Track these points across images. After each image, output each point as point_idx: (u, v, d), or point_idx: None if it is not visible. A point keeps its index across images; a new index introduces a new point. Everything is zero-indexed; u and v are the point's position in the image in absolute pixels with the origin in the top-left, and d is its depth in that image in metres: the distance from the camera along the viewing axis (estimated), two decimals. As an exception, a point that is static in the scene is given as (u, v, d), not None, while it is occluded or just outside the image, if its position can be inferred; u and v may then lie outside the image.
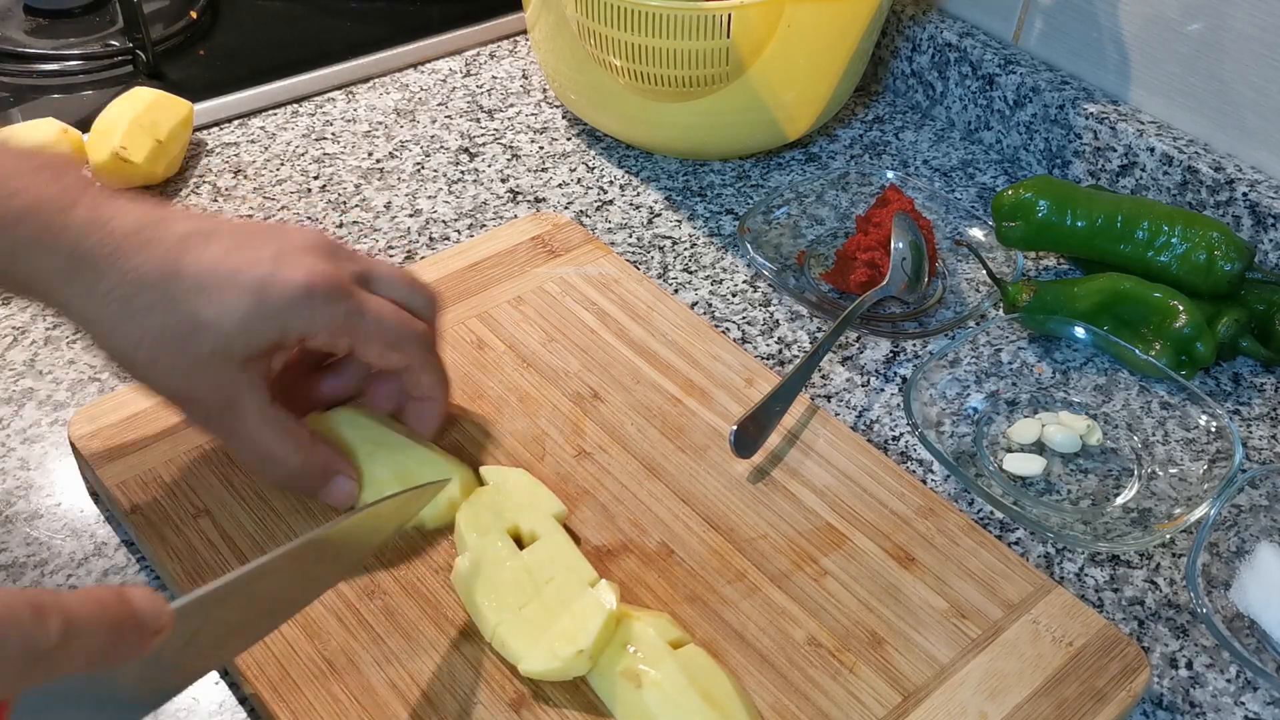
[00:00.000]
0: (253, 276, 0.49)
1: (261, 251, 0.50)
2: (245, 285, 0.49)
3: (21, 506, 0.58)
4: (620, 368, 0.65)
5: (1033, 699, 0.50)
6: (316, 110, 0.88)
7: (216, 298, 0.49)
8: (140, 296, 0.48)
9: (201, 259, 0.49)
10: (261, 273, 0.49)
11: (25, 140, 0.75)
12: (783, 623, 0.52)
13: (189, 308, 0.49)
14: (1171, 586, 0.58)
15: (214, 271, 0.49)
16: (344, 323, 0.51)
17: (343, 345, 0.52)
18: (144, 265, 0.49)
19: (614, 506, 0.57)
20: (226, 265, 0.49)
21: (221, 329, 0.49)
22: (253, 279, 0.49)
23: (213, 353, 0.49)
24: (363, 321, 0.52)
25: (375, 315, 0.52)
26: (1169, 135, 0.79)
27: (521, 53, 0.97)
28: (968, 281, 0.76)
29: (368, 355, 0.53)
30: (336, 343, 0.52)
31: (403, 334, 0.54)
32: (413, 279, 0.56)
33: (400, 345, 0.54)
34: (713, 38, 0.74)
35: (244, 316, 0.49)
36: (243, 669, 0.49)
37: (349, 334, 0.52)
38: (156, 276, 0.49)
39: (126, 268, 0.48)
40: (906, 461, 0.64)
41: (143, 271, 0.49)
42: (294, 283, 0.50)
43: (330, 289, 0.51)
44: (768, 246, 0.76)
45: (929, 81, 0.91)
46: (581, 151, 0.86)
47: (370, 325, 0.52)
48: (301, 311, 0.50)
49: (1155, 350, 0.67)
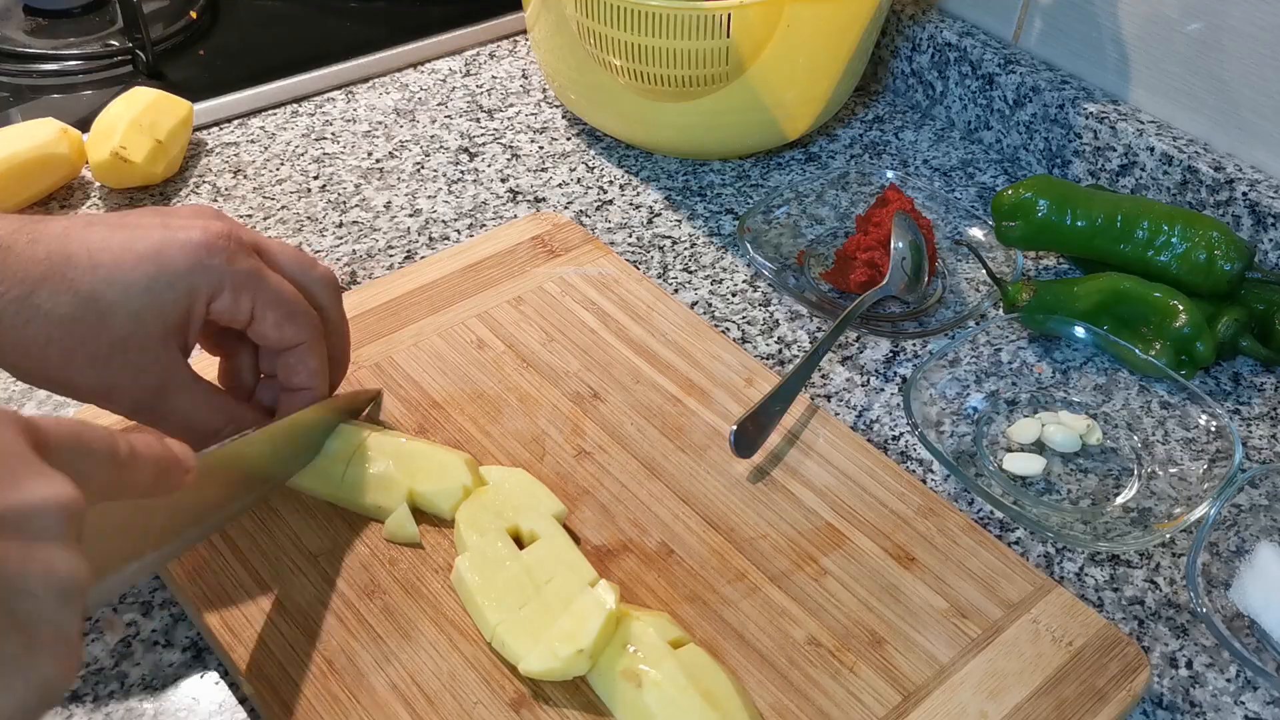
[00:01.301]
0: (147, 244, 0.48)
1: (149, 222, 0.49)
2: (141, 253, 0.47)
3: (21, 506, 0.58)
4: (620, 367, 0.65)
5: (1033, 699, 0.50)
6: (316, 110, 0.88)
7: (116, 273, 0.47)
8: (38, 292, 0.46)
9: (90, 240, 0.47)
10: (155, 238, 0.48)
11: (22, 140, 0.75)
12: (783, 622, 0.52)
13: (91, 290, 0.46)
14: (1171, 586, 0.58)
15: (106, 248, 0.47)
16: (246, 280, 0.50)
17: (244, 307, 0.50)
18: (32, 259, 0.46)
19: (614, 506, 0.57)
20: (117, 239, 0.47)
21: (129, 306, 0.47)
22: (147, 246, 0.47)
23: (128, 334, 0.47)
24: (263, 283, 0.50)
25: (276, 281, 0.51)
26: (1169, 135, 0.79)
27: (521, 52, 0.97)
28: (967, 281, 0.76)
29: (264, 324, 0.51)
30: (238, 304, 0.50)
31: (300, 305, 0.52)
32: (306, 256, 0.55)
33: (295, 318, 0.52)
34: (712, 37, 0.74)
35: (148, 285, 0.47)
36: (243, 669, 0.49)
37: (250, 292, 0.50)
38: (48, 268, 0.46)
39: (15, 266, 0.46)
40: (906, 461, 0.64)
41: (32, 266, 0.46)
42: (191, 240, 0.48)
43: (229, 243, 0.49)
44: (767, 246, 0.76)
45: (929, 81, 0.91)
46: (581, 151, 0.86)
47: (270, 290, 0.51)
48: (204, 269, 0.48)
49: (1155, 350, 0.67)
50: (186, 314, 0.49)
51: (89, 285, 0.46)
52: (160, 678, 0.51)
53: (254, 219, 0.78)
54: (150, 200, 0.78)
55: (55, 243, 0.47)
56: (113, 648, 0.52)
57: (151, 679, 0.51)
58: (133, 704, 0.50)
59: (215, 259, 0.49)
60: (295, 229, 0.77)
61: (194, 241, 0.48)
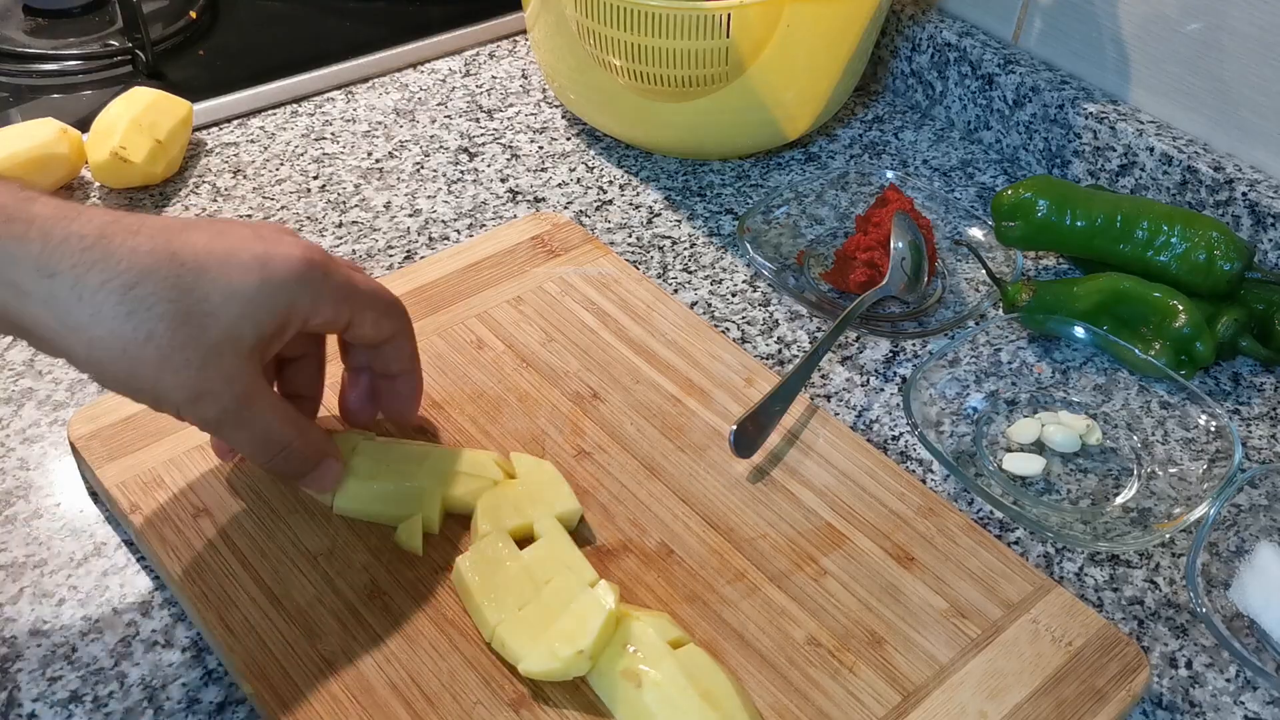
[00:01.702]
0: (251, 254, 0.47)
1: (243, 233, 0.48)
2: (247, 263, 0.47)
3: (21, 507, 0.58)
4: (620, 367, 0.65)
5: (1032, 699, 0.50)
6: (316, 110, 0.88)
7: (222, 278, 0.46)
8: (142, 285, 0.44)
9: (194, 242, 0.46)
10: (258, 250, 0.47)
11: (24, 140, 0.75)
12: (782, 622, 0.52)
13: (198, 290, 0.45)
14: (1171, 586, 0.58)
15: (211, 251, 0.46)
16: (345, 291, 0.50)
17: (344, 316, 0.51)
18: (137, 250, 0.44)
19: (613, 506, 0.57)
20: (221, 246, 0.47)
21: (231, 312, 0.46)
22: (252, 256, 0.47)
23: (226, 339, 0.46)
24: (357, 290, 0.51)
25: (363, 284, 0.52)
26: (1168, 135, 0.79)
27: (521, 53, 0.97)
28: (967, 281, 0.76)
29: (364, 325, 0.52)
30: (339, 316, 0.51)
31: (388, 299, 0.53)
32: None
33: (391, 311, 0.53)
34: (712, 37, 0.74)
35: (253, 295, 0.47)
36: (242, 669, 0.49)
37: (350, 302, 0.51)
38: (153, 262, 0.44)
39: (118, 254, 0.44)
40: (906, 461, 0.64)
41: (138, 256, 0.44)
42: (293, 256, 0.48)
43: (325, 260, 0.50)
44: (767, 246, 0.76)
45: (928, 81, 0.91)
46: (581, 151, 0.86)
47: (365, 294, 0.51)
48: (306, 284, 0.48)
49: (1155, 350, 0.67)
50: (282, 327, 0.49)
51: (196, 285, 0.45)
52: (160, 678, 0.51)
53: (254, 219, 0.78)
54: (150, 200, 0.78)
55: (159, 238, 0.45)
56: (112, 648, 0.52)
57: (151, 679, 0.51)
58: (132, 704, 0.50)
59: (315, 273, 0.49)
60: (295, 229, 0.77)
61: (295, 257, 0.48)
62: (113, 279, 0.44)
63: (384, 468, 0.56)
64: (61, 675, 0.51)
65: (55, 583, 0.55)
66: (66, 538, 0.57)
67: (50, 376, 0.65)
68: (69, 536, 0.57)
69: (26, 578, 0.55)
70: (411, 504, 0.55)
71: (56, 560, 0.56)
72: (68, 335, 0.44)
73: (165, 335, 0.45)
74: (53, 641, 0.52)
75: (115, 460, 0.57)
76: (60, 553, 0.56)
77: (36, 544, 0.57)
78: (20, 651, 0.52)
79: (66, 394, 0.64)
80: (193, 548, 0.54)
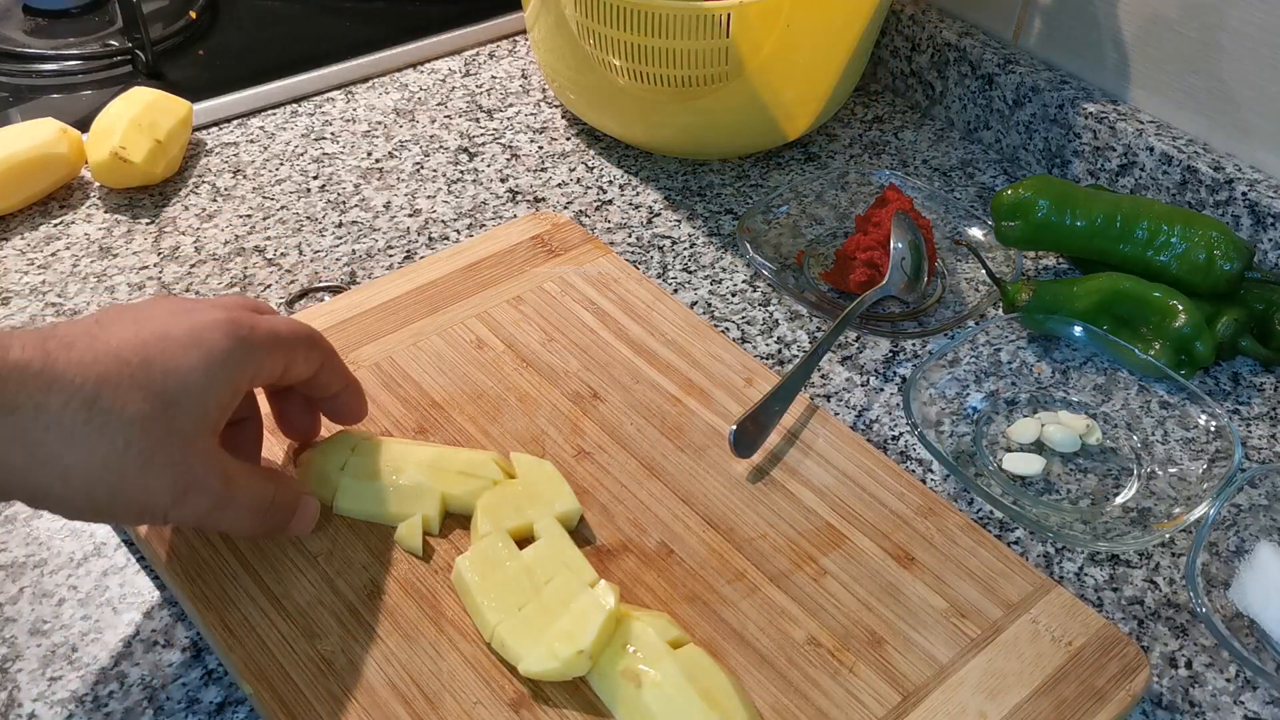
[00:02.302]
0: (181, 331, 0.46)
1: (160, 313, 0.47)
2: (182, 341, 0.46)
3: (21, 506, 0.58)
4: (620, 367, 0.65)
5: (1032, 699, 0.50)
6: (316, 110, 0.88)
7: (170, 365, 0.45)
8: (104, 395, 0.43)
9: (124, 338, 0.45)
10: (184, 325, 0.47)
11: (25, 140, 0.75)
12: (782, 622, 0.52)
13: (154, 384, 0.44)
14: (1171, 586, 0.58)
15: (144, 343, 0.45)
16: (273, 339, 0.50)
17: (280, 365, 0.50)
18: (83, 364, 0.43)
19: (613, 506, 0.57)
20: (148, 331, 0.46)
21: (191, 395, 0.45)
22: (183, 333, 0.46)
23: (195, 424, 0.46)
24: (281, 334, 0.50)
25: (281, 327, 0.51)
26: (1168, 135, 0.79)
27: (521, 52, 0.97)
28: (967, 281, 0.76)
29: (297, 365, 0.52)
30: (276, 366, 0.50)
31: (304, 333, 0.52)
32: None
33: (312, 341, 0.52)
34: (712, 37, 0.74)
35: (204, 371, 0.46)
36: (242, 669, 0.49)
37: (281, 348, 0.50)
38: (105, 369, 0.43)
39: (69, 373, 0.42)
40: (906, 461, 0.64)
41: (86, 369, 0.43)
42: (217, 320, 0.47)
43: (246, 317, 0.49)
44: (767, 246, 0.76)
45: (928, 81, 0.91)
46: (581, 151, 0.86)
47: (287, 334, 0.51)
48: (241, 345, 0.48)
49: (1155, 350, 0.67)
50: (235, 394, 0.48)
51: (149, 379, 0.44)
52: (160, 678, 0.51)
53: (253, 219, 0.78)
54: (149, 200, 0.78)
55: (95, 345, 0.44)
56: (112, 648, 0.52)
57: (151, 679, 0.51)
58: (132, 704, 0.50)
59: (243, 332, 0.48)
60: (295, 229, 0.77)
61: (219, 321, 0.47)
62: (73, 398, 0.42)
63: (383, 467, 0.56)
64: (62, 675, 0.51)
65: (55, 583, 0.55)
66: (66, 538, 0.57)
67: (50, 376, 0.65)
68: (69, 536, 0.57)
69: (26, 577, 0.55)
70: (411, 504, 0.55)
71: (56, 560, 0.56)
72: (39, 469, 0.42)
73: (142, 438, 0.43)
74: (53, 641, 0.52)
75: (115, 460, 0.57)
76: (60, 553, 0.56)
77: (36, 544, 0.57)
78: (20, 651, 0.52)
79: (66, 394, 0.64)
80: (192, 548, 0.54)
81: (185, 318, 0.47)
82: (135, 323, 0.46)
